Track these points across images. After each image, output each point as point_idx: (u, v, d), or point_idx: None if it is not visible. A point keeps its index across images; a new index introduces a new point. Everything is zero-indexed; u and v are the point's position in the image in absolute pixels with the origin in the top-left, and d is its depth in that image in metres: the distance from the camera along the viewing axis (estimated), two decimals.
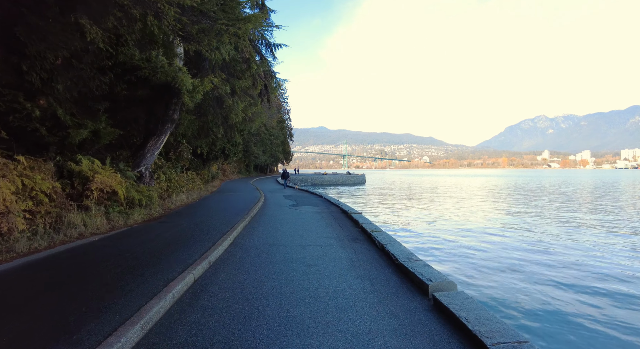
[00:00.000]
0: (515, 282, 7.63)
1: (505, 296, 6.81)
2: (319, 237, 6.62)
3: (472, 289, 7.17)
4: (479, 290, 7.13)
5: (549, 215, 18.84)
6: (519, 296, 6.82)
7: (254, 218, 9.03)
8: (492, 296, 6.83)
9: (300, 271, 4.41)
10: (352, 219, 8.82)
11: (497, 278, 7.88)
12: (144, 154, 9.78)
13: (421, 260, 4.59)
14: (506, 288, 7.25)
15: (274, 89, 12.18)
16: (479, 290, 7.13)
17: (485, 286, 7.35)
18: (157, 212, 9.12)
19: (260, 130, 45.27)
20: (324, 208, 11.65)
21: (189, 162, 17.82)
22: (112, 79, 7.08)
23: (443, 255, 9.91)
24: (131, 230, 6.76)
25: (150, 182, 10.05)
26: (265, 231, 7.19)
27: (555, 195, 32.94)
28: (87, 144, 8.14)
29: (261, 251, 5.49)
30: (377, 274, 4.37)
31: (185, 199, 12.09)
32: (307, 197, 15.87)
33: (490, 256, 9.84)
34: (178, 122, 10.11)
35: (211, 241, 5.74)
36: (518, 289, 7.19)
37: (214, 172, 26.62)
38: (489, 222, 16.12)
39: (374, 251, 5.58)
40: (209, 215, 9.01)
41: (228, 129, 11.49)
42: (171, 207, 10.36)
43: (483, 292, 7.03)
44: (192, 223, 7.66)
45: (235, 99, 9.86)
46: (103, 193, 7.27)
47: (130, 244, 5.54)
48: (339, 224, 8.34)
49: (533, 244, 11.51)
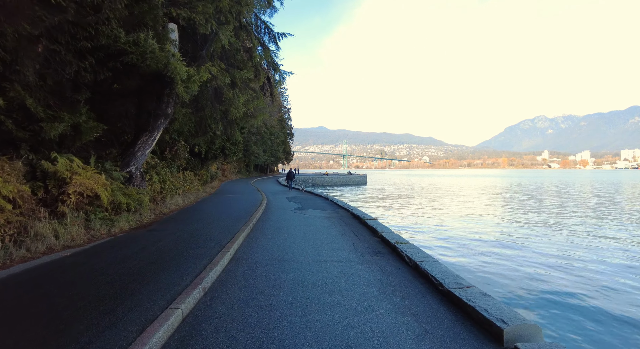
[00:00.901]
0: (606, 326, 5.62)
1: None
2: (335, 250, 5.63)
3: (552, 331, 5.44)
4: (563, 335, 5.36)
5: (592, 223, 16.17)
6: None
7: (257, 225, 8.04)
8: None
9: (321, 302, 3.43)
10: (367, 226, 7.83)
11: (577, 314, 6.05)
12: (134, 152, 8.78)
13: (475, 287, 3.60)
14: (599, 334, 5.37)
15: (277, 82, 11.21)
16: (563, 335, 5.36)
17: (568, 328, 5.57)
18: (148, 218, 8.12)
19: (261, 129, 44.29)
20: (332, 212, 10.66)
21: (186, 162, 16.82)
22: (94, 64, 6.09)
23: (488, 276, 8.11)
24: (114, 241, 5.75)
25: (142, 184, 9.04)
26: (270, 241, 6.20)
27: (579, 198, 31.96)
28: (68, 140, 7.14)
29: (267, 269, 4.50)
30: (420, 306, 3.38)
31: (181, 202, 11.09)
32: (312, 199, 14.88)
33: (546, 276, 8.14)
34: (172, 117, 9.12)
35: (207, 257, 4.75)
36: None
37: (213, 172, 25.60)
38: (517, 230, 14.84)
39: (405, 270, 4.59)
40: (207, 221, 8.01)
41: (227, 126, 10.46)
42: (165, 211, 9.36)
43: (568, 337, 5.29)
44: (187, 232, 6.66)
45: (236, 92, 8.84)
46: (83, 197, 6.27)
47: (107, 260, 4.54)
48: (354, 232, 7.36)
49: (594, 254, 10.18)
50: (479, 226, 15.29)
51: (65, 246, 5.12)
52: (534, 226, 15.33)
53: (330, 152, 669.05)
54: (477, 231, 14.16)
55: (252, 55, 9.70)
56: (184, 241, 5.79)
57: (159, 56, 6.76)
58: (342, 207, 11.64)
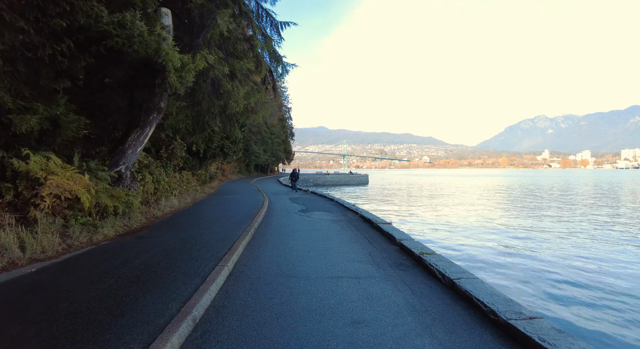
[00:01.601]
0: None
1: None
2: (350, 262, 4.84)
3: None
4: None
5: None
6: None
7: (259, 230, 7.25)
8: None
9: (344, 339, 2.64)
10: (381, 231, 7.04)
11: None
12: (123, 150, 8.00)
13: (541, 318, 2.81)
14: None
15: (280, 75, 10.42)
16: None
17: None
18: (139, 223, 7.33)
19: (262, 128, 43.53)
20: (339, 215, 9.87)
21: (183, 161, 16.04)
22: (72, 48, 5.30)
23: (542, 299, 6.63)
24: (93, 252, 4.96)
25: (132, 185, 8.26)
26: (275, 251, 5.41)
27: (605, 202, 31.16)
28: (48, 136, 6.35)
29: (273, 289, 3.71)
30: (473, 345, 2.59)
31: (176, 205, 10.29)
32: (316, 200, 14.09)
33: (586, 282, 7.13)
34: (166, 111, 8.33)
35: (201, 274, 3.96)
36: None
37: (213, 172, 24.82)
38: (536, 232, 13.91)
39: (439, 290, 3.80)
40: (203, 226, 7.22)
41: (227, 122, 9.62)
42: (158, 215, 8.57)
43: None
44: (179, 239, 5.87)
45: (236, 84, 8.03)
46: (60, 200, 5.48)
47: (78, 279, 3.75)
48: (367, 238, 6.57)
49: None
50: (505, 233, 13.58)
51: (33, 259, 4.33)
52: (572, 233, 13.69)
53: (330, 152, 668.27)
54: (505, 238, 12.49)
55: (253, 44, 8.86)
56: (175, 252, 5.00)
57: (149, 41, 5.97)
58: (350, 209, 10.86)
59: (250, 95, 8.57)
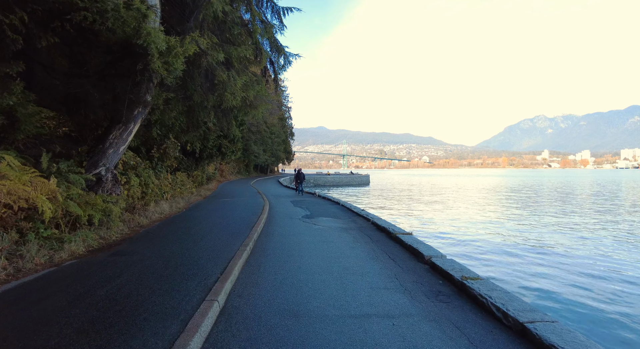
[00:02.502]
0: None
1: None
2: (375, 290, 3.81)
3: None
4: None
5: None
6: None
7: (259, 242, 6.22)
8: None
9: None
10: (402, 244, 6.01)
11: None
12: (104, 149, 6.97)
13: None
14: None
15: (282, 66, 9.37)
16: None
17: None
18: (119, 234, 6.30)
19: (261, 127, 42.51)
20: (349, 221, 8.85)
21: (178, 161, 15.00)
22: (27, 22, 4.28)
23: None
24: (48, 278, 3.92)
25: (114, 189, 7.23)
26: (279, 273, 4.38)
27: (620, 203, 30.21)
28: (4, 132, 5.32)
29: (279, 338, 2.68)
30: None
31: (166, 210, 9.26)
32: (320, 203, 13.07)
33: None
34: (154, 105, 7.31)
35: (181, 315, 2.93)
36: None
37: (210, 173, 23.76)
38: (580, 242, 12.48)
39: (504, 337, 2.77)
40: (193, 238, 6.19)
41: (222, 117, 8.53)
42: (143, 223, 7.54)
43: None
44: (162, 258, 4.84)
45: (232, 74, 6.98)
46: (13, 210, 4.45)
47: (5, 327, 2.71)
48: (387, 253, 5.55)
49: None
50: (543, 245, 11.55)
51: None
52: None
53: (330, 152, 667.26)
54: (548, 256, 10.20)
55: (252, 29, 7.79)
56: (154, 277, 3.97)
57: (126, 17, 4.94)
58: (359, 215, 9.83)
59: (248, 87, 7.51)
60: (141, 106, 7.20)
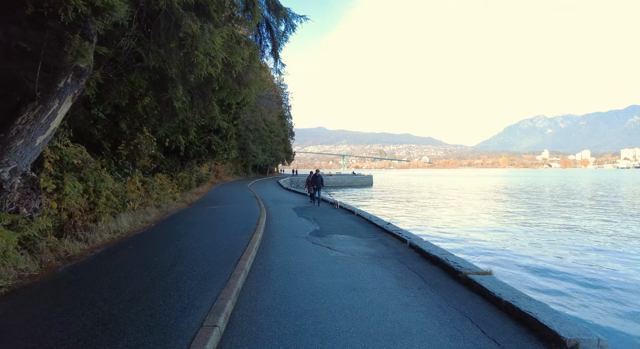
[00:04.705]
0: None
1: None
2: None
3: None
4: None
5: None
6: None
7: (245, 295, 3.74)
8: None
9: None
10: (488, 297, 3.54)
11: None
12: (6, 140, 4.49)
13: None
14: None
15: (283, 34, 6.84)
16: None
17: None
18: (12, 281, 3.82)
19: (260, 125, 40.02)
20: (376, 242, 6.38)
21: (157, 161, 12.50)
22: None
23: None
24: None
25: (28, 201, 4.76)
26: None
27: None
28: None
29: None
30: None
31: (125, 227, 6.78)
32: (330, 213, 10.60)
33: None
34: (90, 74, 4.85)
35: None
36: None
37: (203, 174, 21.14)
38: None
39: None
40: (138, 288, 3.71)
41: (196, 93, 5.73)
42: (75, 253, 5.05)
43: None
44: (71, 338, 2.36)
45: (209, 27, 4.43)
46: None
47: None
48: (473, 321, 3.08)
49: None
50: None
51: None
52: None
53: (330, 152, 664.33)
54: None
55: None
56: None
57: None
58: (387, 231, 7.35)
59: (233, 50, 4.95)
60: (71, 73, 4.74)
